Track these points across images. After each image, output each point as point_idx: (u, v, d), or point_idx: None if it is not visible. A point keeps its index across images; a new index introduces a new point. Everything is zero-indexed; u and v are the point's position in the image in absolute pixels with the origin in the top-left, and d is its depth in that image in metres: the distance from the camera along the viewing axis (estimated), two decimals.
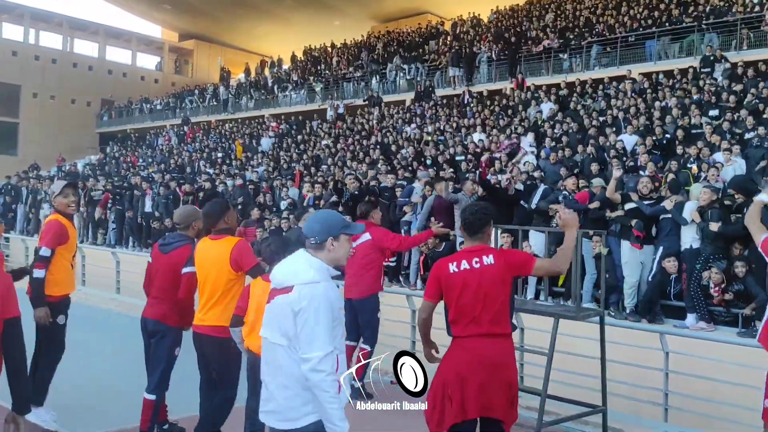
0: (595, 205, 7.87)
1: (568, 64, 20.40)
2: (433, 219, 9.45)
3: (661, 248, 7.16)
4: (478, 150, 14.67)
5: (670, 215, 7.22)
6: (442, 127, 18.18)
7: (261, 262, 4.08)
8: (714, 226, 6.77)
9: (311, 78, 29.84)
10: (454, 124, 17.85)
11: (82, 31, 43.04)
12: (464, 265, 3.41)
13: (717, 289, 6.67)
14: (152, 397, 4.44)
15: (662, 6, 20.34)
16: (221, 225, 4.19)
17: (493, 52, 22.39)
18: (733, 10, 17.76)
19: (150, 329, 4.50)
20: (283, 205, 14.15)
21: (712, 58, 15.84)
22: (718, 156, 10.06)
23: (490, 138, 15.45)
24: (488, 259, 3.40)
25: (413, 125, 19.43)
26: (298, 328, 2.52)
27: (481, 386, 3.31)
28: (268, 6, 39.01)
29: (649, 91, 15.96)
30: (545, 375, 3.88)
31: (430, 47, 28.01)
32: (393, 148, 16.93)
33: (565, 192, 8.68)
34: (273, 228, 11.20)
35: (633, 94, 15.70)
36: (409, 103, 23.47)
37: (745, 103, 12.95)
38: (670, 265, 7.15)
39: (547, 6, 27.12)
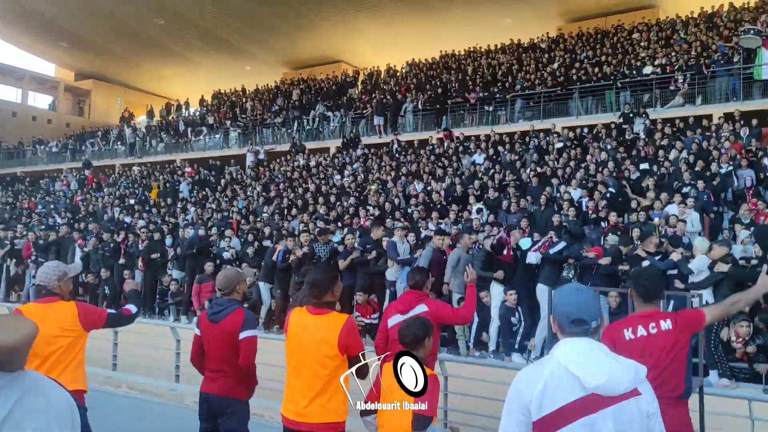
0: (606, 261, 8.02)
1: (494, 117, 21.17)
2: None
3: (672, 303, 7.34)
4: (426, 199, 14.81)
5: (675, 271, 7.49)
6: (377, 176, 18.21)
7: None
8: (724, 267, 7.08)
9: (228, 122, 29.12)
10: (392, 173, 17.91)
11: None
12: (641, 331, 3.34)
13: (741, 341, 6.86)
14: None
15: (576, 65, 21.67)
16: (328, 297, 3.63)
17: (419, 103, 22.87)
18: (645, 71, 19.19)
19: (217, 406, 4.01)
20: (226, 256, 13.48)
21: (631, 114, 16.97)
22: (672, 209, 10.64)
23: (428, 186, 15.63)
24: (666, 324, 3.35)
25: (346, 173, 19.34)
26: None
27: None
28: (175, 48, 37.97)
29: (573, 144, 16.84)
30: None
31: (350, 95, 28.26)
32: (332, 197, 16.67)
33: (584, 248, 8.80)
34: None
35: (567, 148, 16.45)
36: (334, 151, 23.41)
37: (673, 159, 13.89)
38: None
39: (462, 60, 28.19)
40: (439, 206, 14.16)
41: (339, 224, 13.96)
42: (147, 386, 8.65)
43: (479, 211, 13.02)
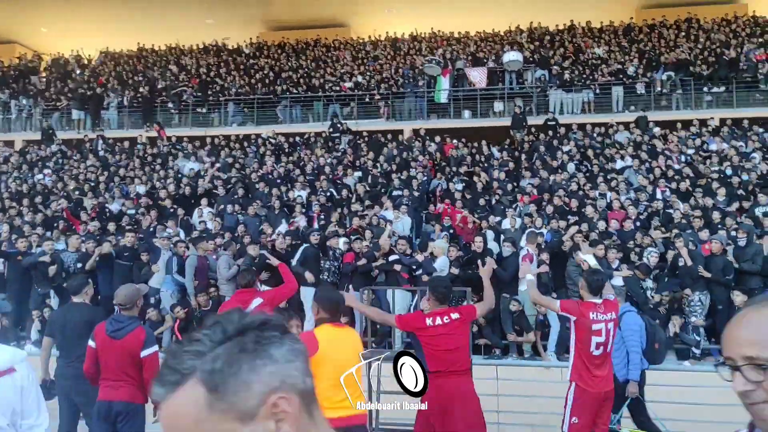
0: (362, 262, 9.17)
1: (207, 119, 21.28)
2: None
3: (419, 293, 8.71)
4: (149, 202, 14.46)
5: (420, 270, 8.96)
6: (86, 176, 17.01)
7: None
8: (455, 270, 8.94)
9: None
10: (104, 174, 16.89)
11: None
12: (438, 321, 4.50)
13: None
14: None
15: (284, 75, 22.93)
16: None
17: (125, 99, 21.78)
18: (346, 85, 21.31)
19: (116, 410, 4.50)
20: None
21: (339, 126, 18.87)
22: (387, 213, 12.43)
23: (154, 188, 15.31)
24: (455, 315, 4.57)
25: (47, 171, 17.60)
26: None
27: (460, 414, 4.29)
28: None
29: (287, 149, 18.17)
30: None
31: (33, 83, 25.37)
32: (38, 198, 15.11)
33: (339, 251, 9.69)
34: None
35: (282, 153, 17.60)
36: (22, 144, 20.92)
37: (379, 167, 15.98)
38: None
39: (164, 57, 27.40)
40: (170, 210, 13.99)
41: (56, 228, 12.87)
42: None
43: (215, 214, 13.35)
